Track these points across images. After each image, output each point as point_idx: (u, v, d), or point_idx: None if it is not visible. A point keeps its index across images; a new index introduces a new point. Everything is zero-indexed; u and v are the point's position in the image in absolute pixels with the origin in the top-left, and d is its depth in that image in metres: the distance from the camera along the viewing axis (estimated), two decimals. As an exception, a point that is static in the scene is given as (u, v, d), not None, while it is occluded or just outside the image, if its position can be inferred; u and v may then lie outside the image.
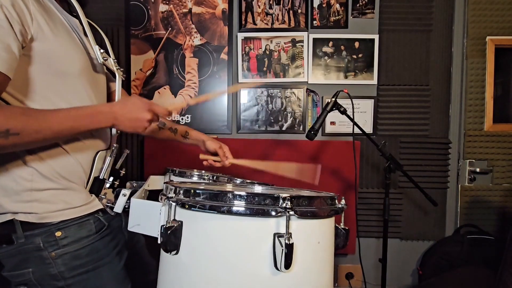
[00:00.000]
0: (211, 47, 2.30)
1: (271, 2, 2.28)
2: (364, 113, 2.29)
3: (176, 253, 0.76)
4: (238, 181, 1.34)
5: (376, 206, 2.27)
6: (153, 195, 1.18)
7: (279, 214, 0.71)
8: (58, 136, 0.79)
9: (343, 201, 0.87)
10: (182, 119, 2.30)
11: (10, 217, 0.81)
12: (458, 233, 2.28)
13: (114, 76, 1.02)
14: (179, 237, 0.76)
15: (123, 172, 1.06)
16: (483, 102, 2.29)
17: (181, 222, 0.76)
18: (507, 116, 2.41)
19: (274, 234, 0.72)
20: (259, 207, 0.72)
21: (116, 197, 0.96)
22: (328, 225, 0.85)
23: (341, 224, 0.92)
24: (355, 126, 1.72)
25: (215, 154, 1.31)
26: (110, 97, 1.09)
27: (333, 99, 1.65)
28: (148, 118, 0.86)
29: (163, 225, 0.75)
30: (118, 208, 0.94)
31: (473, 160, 2.30)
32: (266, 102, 2.31)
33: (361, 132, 1.71)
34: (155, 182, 1.45)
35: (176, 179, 1.41)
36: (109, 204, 0.94)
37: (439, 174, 2.30)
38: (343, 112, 1.66)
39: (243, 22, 2.28)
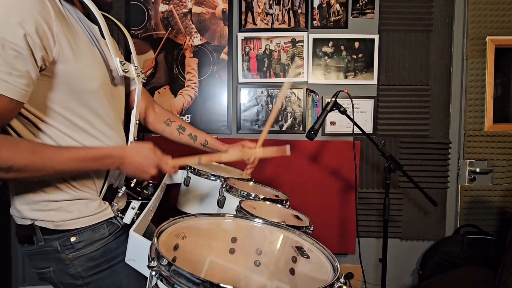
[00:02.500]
0: (211, 47, 2.30)
1: (271, 2, 2.28)
2: (364, 113, 2.29)
3: None
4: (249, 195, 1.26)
5: (376, 206, 2.27)
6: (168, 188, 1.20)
7: None
8: (60, 174, 0.83)
9: None
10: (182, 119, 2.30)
11: (30, 222, 0.87)
12: (458, 233, 2.28)
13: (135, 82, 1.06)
14: None
15: None
16: (483, 102, 2.29)
17: None
18: (507, 116, 2.41)
19: None
20: None
21: (129, 204, 1.00)
22: None
23: None
24: (355, 126, 1.72)
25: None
26: (128, 96, 1.12)
27: (333, 99, 1.65)
28: (153, 174, 0.91)
29: None
30: (127, 219, 0.98)
31: (473, 160, 2.30)
32: (266, 102, 2.31)
33: (361, 132, 1.71)
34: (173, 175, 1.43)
35: (192, 176, 1.41)
36: (119, 215, 0.98)
37: (439, 174, 2.30)
38: (343, 112, 1.66)
39: (243, 22, 2.28)
